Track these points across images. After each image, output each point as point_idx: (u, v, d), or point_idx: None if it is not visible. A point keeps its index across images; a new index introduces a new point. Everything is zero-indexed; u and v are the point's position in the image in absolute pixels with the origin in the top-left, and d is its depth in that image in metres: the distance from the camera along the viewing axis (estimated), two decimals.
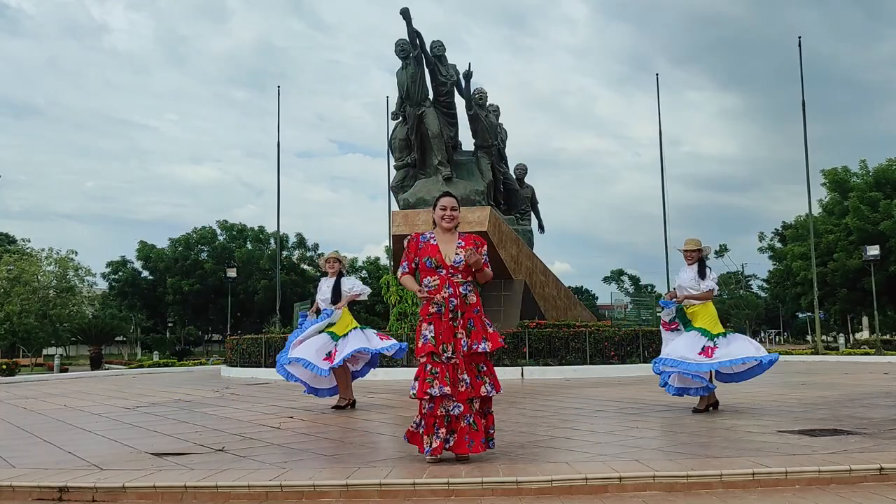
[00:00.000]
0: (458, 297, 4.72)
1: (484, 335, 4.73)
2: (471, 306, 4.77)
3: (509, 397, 9.21)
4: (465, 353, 4.66)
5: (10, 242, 44.42)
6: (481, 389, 4.67)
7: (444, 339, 4.65)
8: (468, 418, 4.64)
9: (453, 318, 4.69)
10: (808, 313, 42.72)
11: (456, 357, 4.65)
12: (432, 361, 4.65)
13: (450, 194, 5.03)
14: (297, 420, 7.27)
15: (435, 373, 4.60)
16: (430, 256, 4.76)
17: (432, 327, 4.69)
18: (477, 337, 4.70)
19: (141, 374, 19.69)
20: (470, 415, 4.65)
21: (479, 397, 4.69)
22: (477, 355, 4.71)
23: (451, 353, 4.64)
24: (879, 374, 13.16)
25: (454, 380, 4.61)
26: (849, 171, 34.09)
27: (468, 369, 4.67)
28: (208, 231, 47.89)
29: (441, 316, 4.68)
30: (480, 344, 4.69)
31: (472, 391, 4.64)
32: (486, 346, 4.70)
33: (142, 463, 4.84)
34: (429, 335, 4.68)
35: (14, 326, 31.27)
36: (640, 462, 4.42)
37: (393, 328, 16.57)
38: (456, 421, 4.63)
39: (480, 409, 4.74)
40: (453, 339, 4.66)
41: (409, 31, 16.57)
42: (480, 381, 4.69)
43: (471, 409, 4.66)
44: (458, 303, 4.71)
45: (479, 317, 4.78)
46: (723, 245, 68.51)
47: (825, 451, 4.64)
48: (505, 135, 19.60)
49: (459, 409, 4.62)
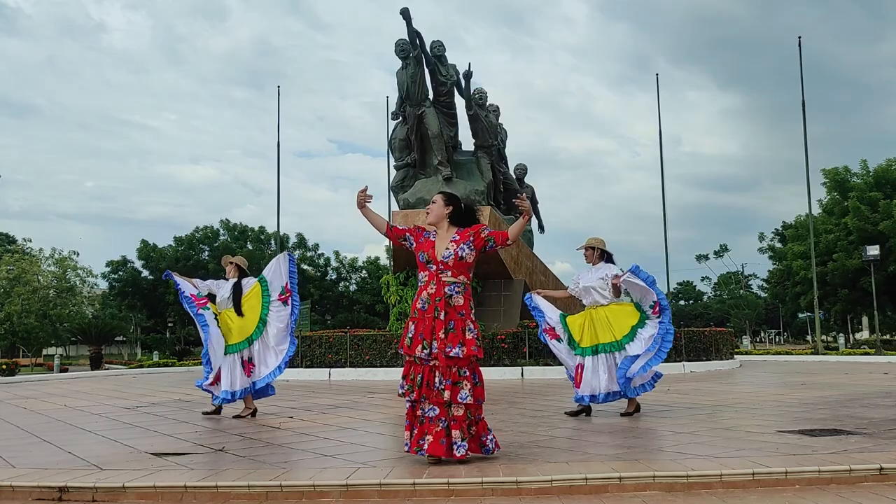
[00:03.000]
0: (441, 296, 4.60)
1: (461, 339, 4.56)
2: (455, 308, 4.62)
3: (509, 397, 9.21)
4: (446, 353, 4.54)
5: (11, 242, 44.45)
6: (458, 395, 4.54)
7: (425, 337, 4.57)
8: (443, 422, 4.53)
9: (434, 317, 4.58)
10: (808, 313, 42.71)
11: (434, 358, 4.55)
12: (411, 362, 4.64)
13: (442, 192, 4.98)
14: (297, 420, 7.27)
15: (412, 377, 4.59)
16: (423, 251, 4.71)
17: (414, 326, 4.66)
18: (453, 340, 4.56)
19: (141, 374, 19.69)
20: (446, 418, 4.54)
21: (455, 403, 4.53)
22: (457, 359, 4.56)
23: (430, 353, 4.55)
24: (879, 374, 13.16)
25: (430, 382, 4.55)
26: (849, 170, 34.09)
27: (446, 373, 4.55)
28: (211, 231, 47.92)
29: (426, 312, 4.63)
30: (455, 348, 4.55)
31: (450, 396, 4.52)
32: (460, 352, 4.54)
33: (142, 463, 4.83)
34: (409, 335, 4.66)
35: (14, 326, 31.30)
36: (640, 462, 4.42)
37: (393, 328, 16.60)
38: (431, 423, 4.54)
39: (469, 416, 4.61)
40: (432, 338, 4.56)
41: (409, 31, 16.58)
42: (458, 386, 4.55)
43: (448, 412, 4.55)
44: (442, 302, 4.58)
45: (461, 320, 4.61)
46: (723, 245, 68.64)
47: (825, 451, 4.64)
48: (505, 135, 19.61)
49: (435, 412, 4.54)
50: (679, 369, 14.64)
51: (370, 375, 13.98)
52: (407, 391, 4.64)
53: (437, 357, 4.56)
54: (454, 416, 4.55)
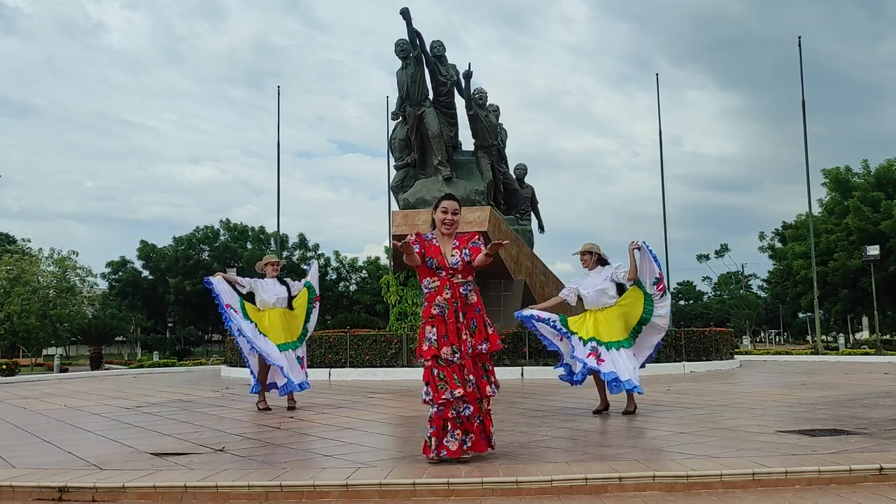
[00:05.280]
0: (458, 297, 4.73)
1: (486, 335, 4.78)
2: (472, 306, 4.79)
3: (509, 397, 9.21)
4: (470, 353, 4.69)
5: (11, 242, 44.43)
6: (486, 389, 4.72)
7: (451, 340, 4.65)
8: (479, 418, 4.70)
9: (456, 320, 4.70)
10: (808, 313, 42.70)
11: (462, 358, 4.66)
12: (437, 365, 4.65)
13: (453, 197, 4.95)
14: (297, 420, 7.26)
15: (443, 377, 4.61)
16: (432, 257, 4.75)
17: (435, 329, 4.69)
18: (479, 337, 4.74)
19: (141, 374, 19.69)
20: (479, 415, 4.71)
21: (485, 397, 4.74)
22: (481, 355, 4.76)
23: (458, 354, 4.65)
24: (879, 374, 13.16)
25: (463, 381, 4.63)
26: (850, 170, 34.10)
27: (474, 370, 4.71)
28: (211, 231, 47.91)
29: (445, 318, 4.68)
30: (482, 344, 4.74)
31: (479, 392, 4.69)
32: (487, 347, 4.77)
33: (142, 463, 4.83)
34: (432, 338, 4.68)
35: (14, 326, 31.28)
36: (640, 462, 4.42)
37: (393, 328, 16.60)
38: (468, 422, 4.66)
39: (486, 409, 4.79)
40: (458, 340, 4.67)
41: (409, 31, 16.58)
42: (486, 380, 4.74)
43: (480, 408, 4.72)
44: (460, 304, 4.73)
45: (480, 316, 4.81)
46: (723, 245, 68.60)
47: (825, 451, 4.64)
48: (505, 135, 19.60)
49: (470, 410, 4.67)
50: (679, 369, 14.64)
51: (370, 375, 13.97)
52: (441, 391, 4.56)
53: (468, 355, 4.68)
54: (486, 410, 4.77)
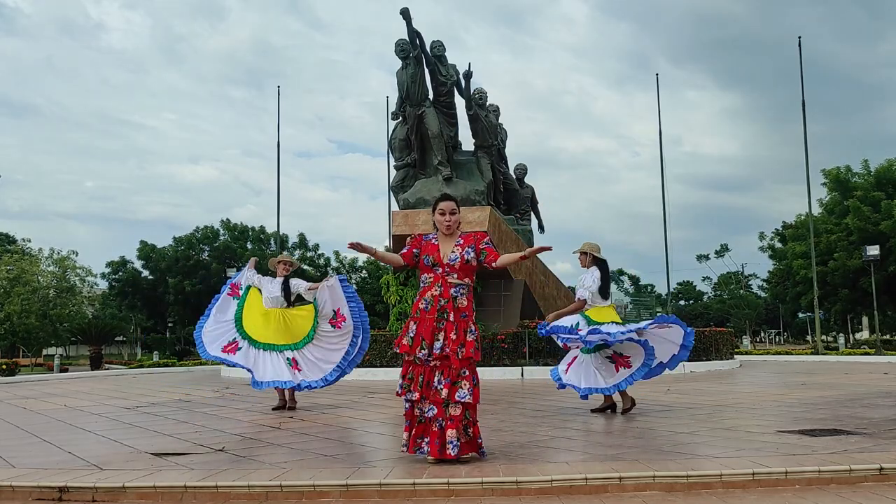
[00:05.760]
0: (448, 297, 4.64)
1: (461, 341, 4.61)
2: (459, 310, 4.65)
3: (509, 397, 9.21)
4: (439, 355, 4.58)
5: (11, 242, 44.44)
6: (456, 394, 4.56)
7: (424, 338, 4.59)
8: (440, 422, 4.55)
9: (438, 319, 4.62)
10: (808, 313, 42.71)
11: (434, 359, 4.59)
12: (410, 362, 4.65)
13: (449, 197, 4.91)
14: (297, 420, 7.27)
15: (411, 377, 4.61)
16: (429, 254, 4.74)
17: (415, 326, 4.67)
18: (457, 342, 4.60)
19: (141, 374, 19.69)
20: (443, 418, 4.55)
21: (453, 402, 4.56)
22: (457, 360, 4.58)
23: (429, 354, 4.58)
24: (879, 374, 13.17)
25: (429, 382, 4.58)
26: (850, 170, 34.09)
27: (447, 372, 4.58)
28: (211, 231, 47.90)
29: (427, 314, 4.65)
30: (459, 349, 4.59)
31: (448, 395, 4.55)
32: (460, 353, 4.58)
33: (142, 463, 4.83)
34: (412, 335, 4.66)
35: (14, 326, 31.28)
36: (640, 462, 4.42)
37: (393, 328, 16.59)
38: (429, 423, 4.58)
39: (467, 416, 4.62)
40: (433, 339, 4.59)
41: (409, 31, 16.58)
42: (456, 386, 4.58)
43: (445, 412, 4.56)
44: (446, 304, 4.63)
45: (464, 321, 4.65)
46: (723, 245, 68.55)
47: (825, 451, 4.64)
48: (505, 135, 19.61)
49: (433, 412, 4.57)
50: (679, 369, 14.58)
51: (370, 375, 13.97)
52: (404, 390, 4.66)
53: (437, 357, 4.59)
54: (451, 416, 4.57)
